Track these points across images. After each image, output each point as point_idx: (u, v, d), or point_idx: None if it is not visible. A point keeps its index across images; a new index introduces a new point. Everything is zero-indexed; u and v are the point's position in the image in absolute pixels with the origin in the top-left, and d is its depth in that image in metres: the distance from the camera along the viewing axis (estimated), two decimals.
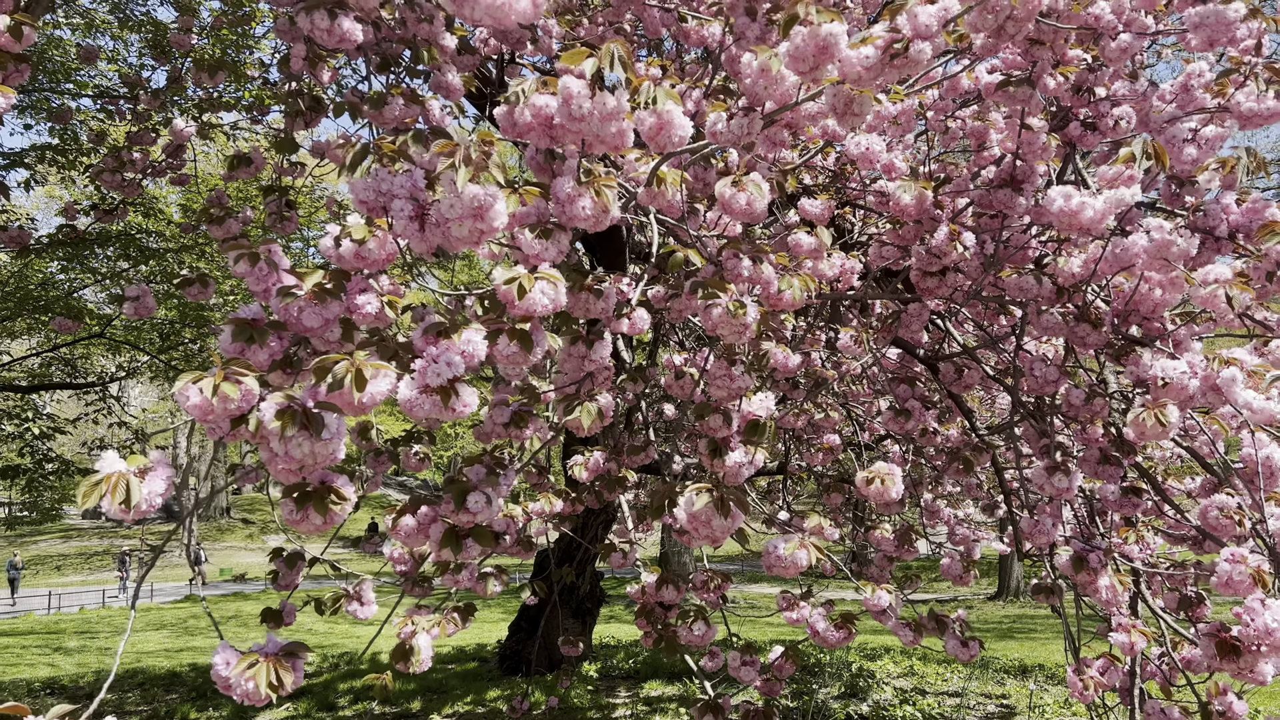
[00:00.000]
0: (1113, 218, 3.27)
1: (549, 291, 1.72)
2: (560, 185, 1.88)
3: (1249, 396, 2.27)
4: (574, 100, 1.81)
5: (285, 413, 1.43)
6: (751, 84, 2.18)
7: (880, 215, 4.23)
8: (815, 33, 1.96)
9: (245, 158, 3.76)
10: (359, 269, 1.91)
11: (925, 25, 1.98)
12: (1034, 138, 3.20)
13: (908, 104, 3.72)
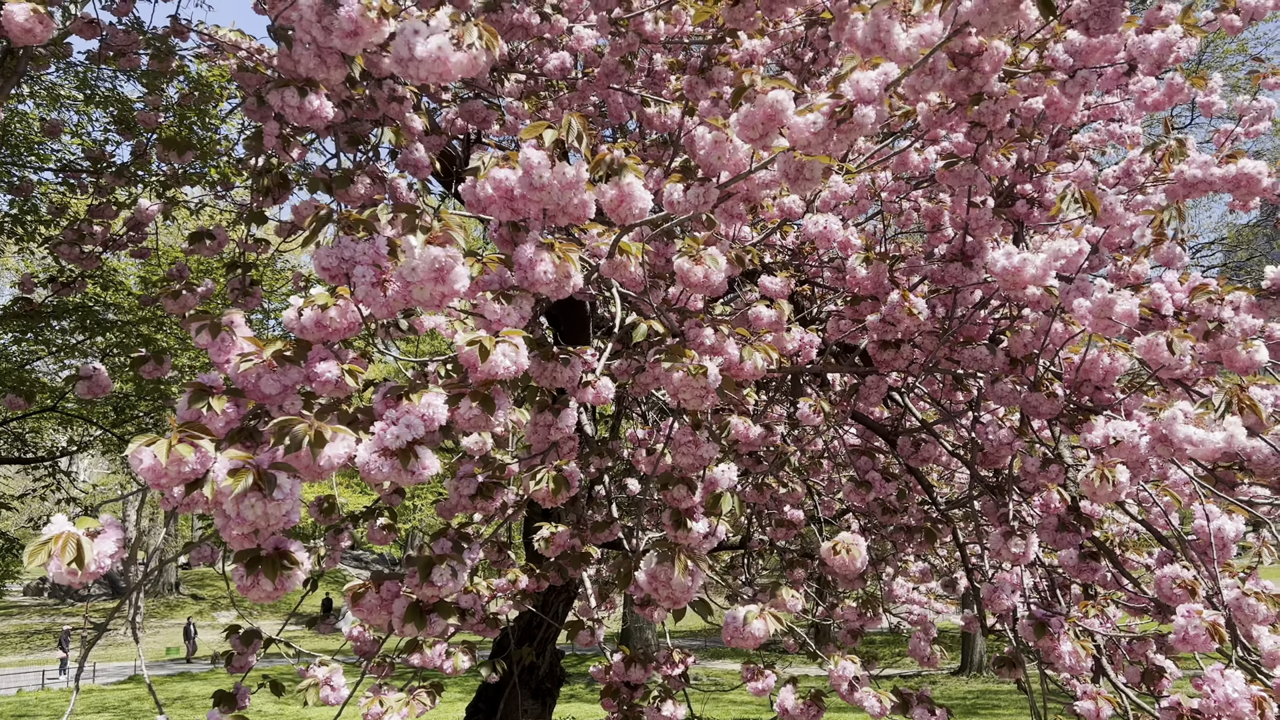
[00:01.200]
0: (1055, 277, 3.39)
1: (510, 354, 1.74)
2: (522, 250, 1.91)
3: (1190, 432, 2.34)
4: (534, 170, 1.86)
5: (239, 472, 1.41)
6: (706, 154, 2.25)
7: (838, 292, 4.33)
8: (763, 100, 2.04)
9: (208, 233, 3.77)
10: (321, 338, 1.92)
11: (867, 90, 2.06)
12: (981, 214, 3.31)
13: (861, 182, 3.84)
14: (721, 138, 2.21)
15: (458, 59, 1.78)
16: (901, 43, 1.99)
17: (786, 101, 1.98)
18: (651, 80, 4.95)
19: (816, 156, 2.10)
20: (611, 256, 2.57)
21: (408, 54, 1.79)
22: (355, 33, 1.93)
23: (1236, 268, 19.66)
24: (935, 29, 1.98)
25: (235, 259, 3.96)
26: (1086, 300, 2.73)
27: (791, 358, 3.76)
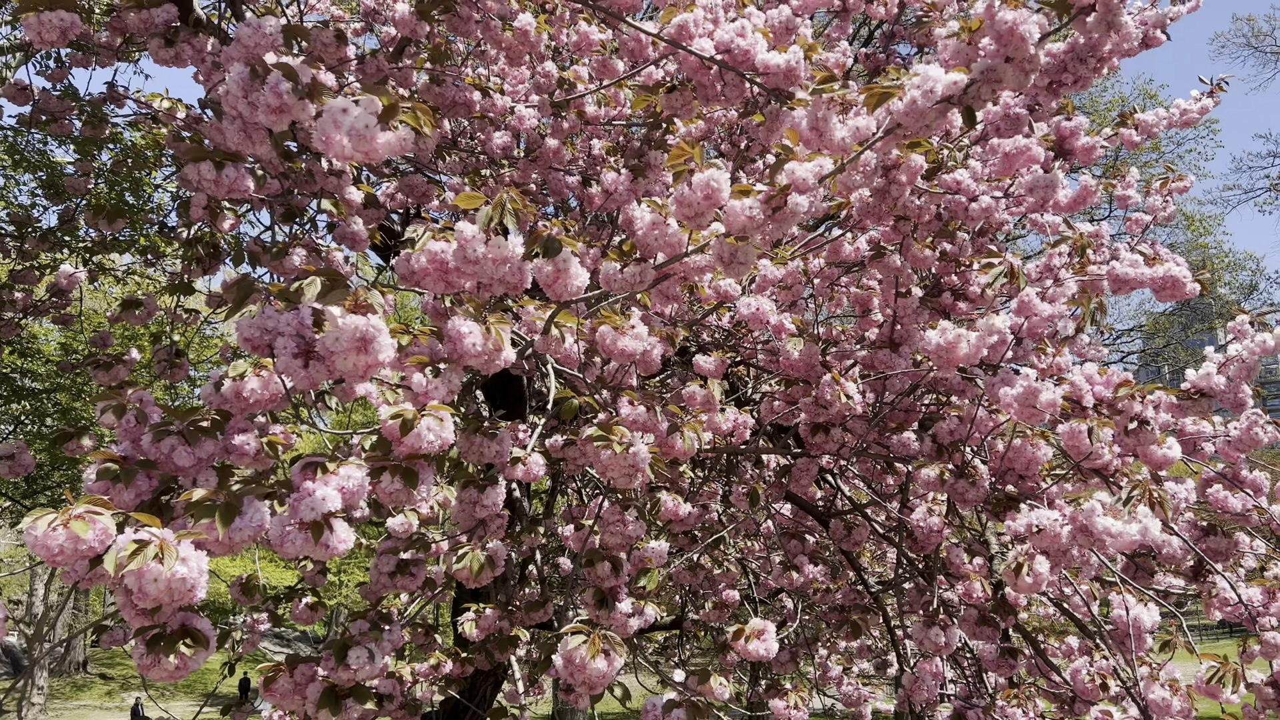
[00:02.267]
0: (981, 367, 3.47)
1: (435, 428, 1.71)
2: (452, 322, 1.90)
3: (1108, 523, 2.39)
4: (468, 244, 1.86)
5: (142, 545, 1.35)
6: (644, 235, 2.28)
7: (772, 373, 4.38)
8: (700, 180, 2.08)
9: (137, 301, 3.69)
10: (241, 409, 1.87)
11: (803, 180, 2.12)
12: (908, 304, 3.40)
13: (794, 267, 3.93)
14: (659, 219, 2.24)
15: (385, 139, 1.78)
16: (838, 133, 2.06)
17: (723, 181, 2.03)
18: (592, 161, 5.04)
19: (750, 242, 2.14)
20: (546, 332, 2.57)
21: (333, 133, 1.79)
22: (280, 110, 1.92)
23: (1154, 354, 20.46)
24: (869, 123, 2.06)
25: (163, 329, 3.88)
26: (1011, 390, 2.80)
27: (726, 437, 3.78)
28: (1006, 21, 1.89)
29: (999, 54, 1.93)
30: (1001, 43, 1.91)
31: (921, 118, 1.94)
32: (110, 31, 3.25)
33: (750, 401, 4.56)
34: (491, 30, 3.66)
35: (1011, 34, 1.88)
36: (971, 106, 1.96)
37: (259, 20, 2.60)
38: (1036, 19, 1.89)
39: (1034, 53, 1.90)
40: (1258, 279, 19.32)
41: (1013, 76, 1.93)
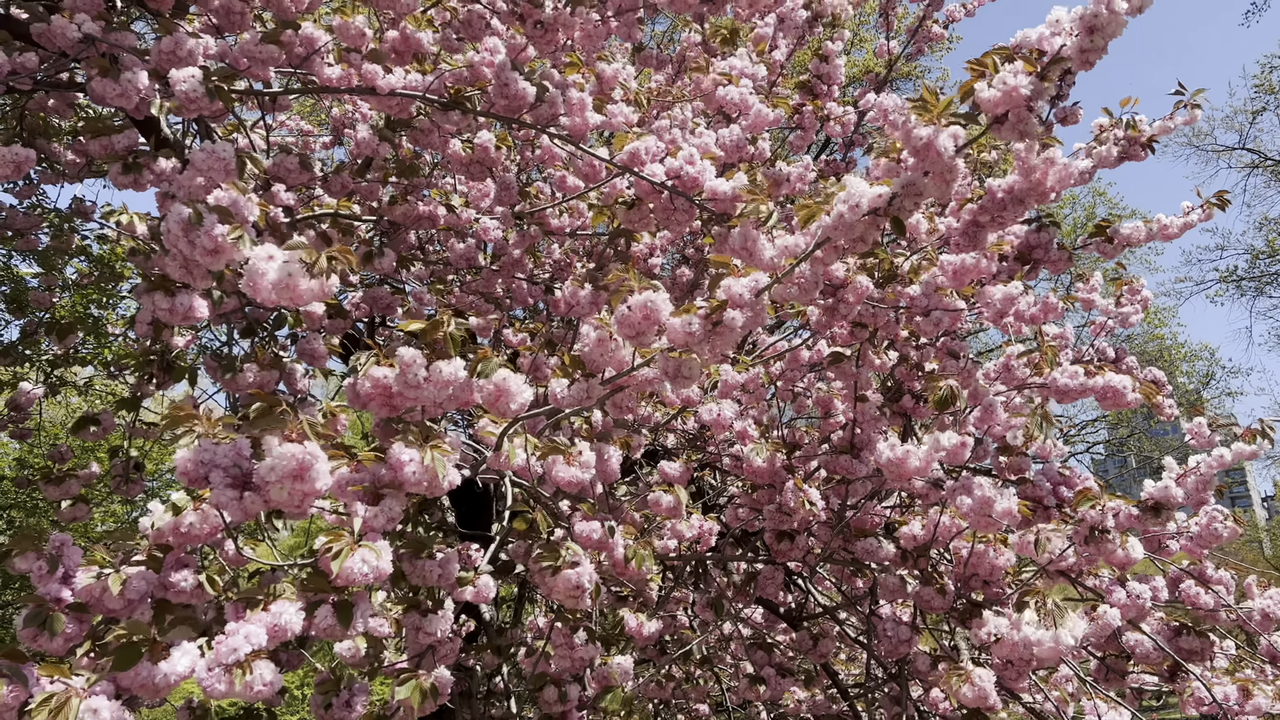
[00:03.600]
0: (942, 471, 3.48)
1: (370, 559, 1.69)
2: (392, 450, 1.89)
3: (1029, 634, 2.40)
4: (410, 370, 1.87)
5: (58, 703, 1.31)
6: (590, 352, 2.30)
7: (737, 477, 4.37)
8: (638, 301, 2.11)
9: (93, 419, 3.66)
10: (181, 543, 1.84)
11: (739, 295, 2.16)
12: (868, 409, 3.42)
13: (755, 373, 3.96)
14: (604, 335, 2.26)
15: (307, 286, 1.81)
16: (767, 252, 2.11)
17: (661, 303, 2.06)
18: (556, 265, 5.11)
19: (690, 355, 2.16)
20: (498, 449, 2.56)
21: (258, 278, 1.82)
22: (216, 251, 1.95)
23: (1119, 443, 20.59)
24: (799, 240, 2.11)
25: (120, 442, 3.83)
26: (969, 498, 2.80)
27: (692, 544, 3.74)
28: (922, 137, 1.96)
29: (918, 167, 2.00)
30: (919, 157, 1.97)
31: (850, 230, 1.99)
32: (73, 153, 3.29)
33: (717, 506, 4.53)
34: (451, 151, 3.75)
35: (928, 149, 1.95)
36: (899, 217, 2.01)
37: (213, 146, 2.66)
38: (951, 131, 1.96)
39: (952, 163, 1.97)
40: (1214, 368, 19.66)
41: (933, 188, 2.00)
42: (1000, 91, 1.98)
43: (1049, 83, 1.98)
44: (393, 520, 1.82)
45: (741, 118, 3.77)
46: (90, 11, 3.03)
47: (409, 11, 3.51)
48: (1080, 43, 1.98)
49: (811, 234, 2.13)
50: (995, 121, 2.02)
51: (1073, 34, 2.00)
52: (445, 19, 3.76)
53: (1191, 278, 20.07)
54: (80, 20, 2.95)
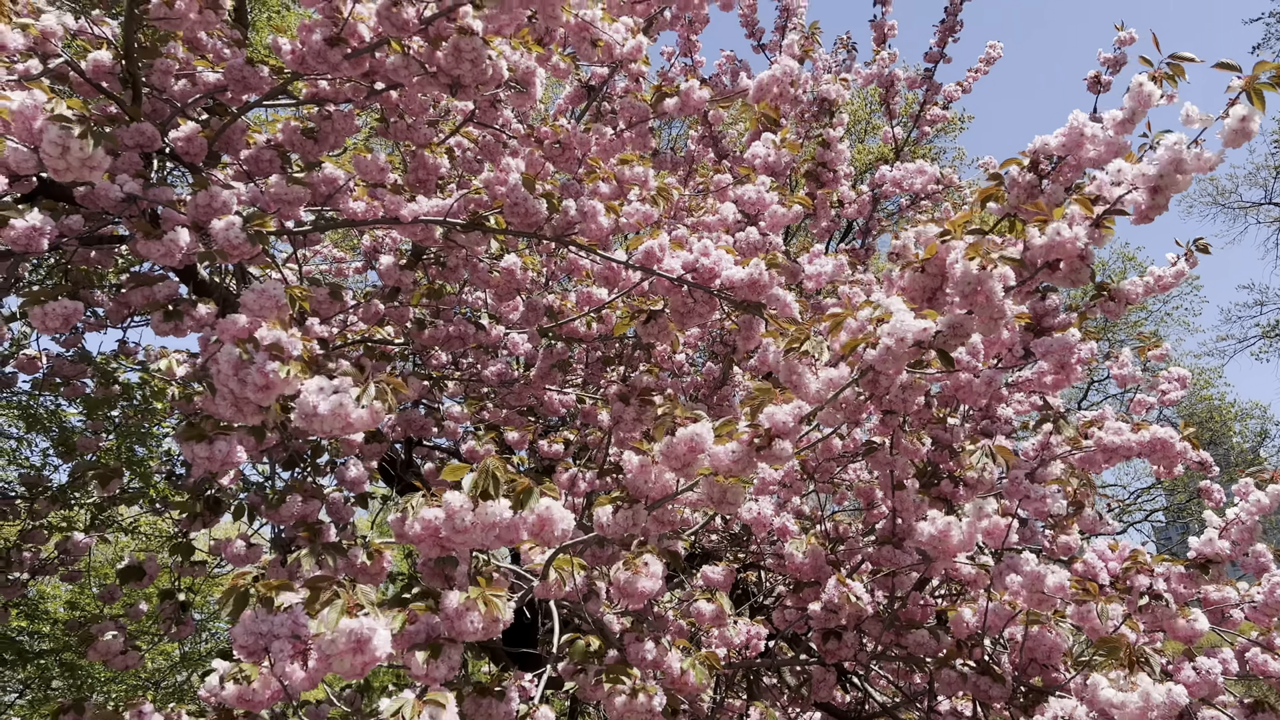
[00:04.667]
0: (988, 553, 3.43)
1: (439, 717, 1.69)
2: (449, 601, 1.92)
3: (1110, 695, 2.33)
4: (457, 514, 1.90)
5: None
6: (633, 480, 2.33)
7: (782, 576, 4.32)
8: (684, 433, 2.14)
9: (138, 570, 3.69)
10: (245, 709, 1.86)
11: (783, 423, 2.19)
12: (907, 497, 3.40)
13: (791, 467, 3.95)
14: (647, 462, 2.29)
15: (358, 415, 1.87)
16: (812, 385, 2.14)
17: (706, 434, 2.09)
18: (589, 371, 5.17)
19: (737, 481, 2.18)
20: (544, 578, 2.57)
21: (311, 410, 1.88)
22: (267, 387, 2.02)
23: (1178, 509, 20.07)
24: (841, 373, 2.14)
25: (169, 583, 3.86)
26: (1018, 575, 2.77)
27: (740, 650, 3.69)
28: (970, 279, 1.97)
29: (964, 305, 2.02)
30: (967, 299, 1.99)
31: (896, 362, 2.02)
32: (114, 306, 3.41)
33: (764, 608, 4.48)
34: (479, 272, 3.85)
35: (977, 292, 1.96)
36: (945, 350, 2.03)
37: (263, 286, 2.75)
38: (1000, 273, 1.97)
39: (1002, 306, 1.97)
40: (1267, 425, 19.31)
41: (981, 327, 2.01)
42: (1053, 241, 2.00)
43: (1108, 232, 1.98)
44: (453, 669, 1.83)
45: (759, 217, 3.84)
46: (130, 171, 3.17)
47: (428, 142, 3.65)
48: (1144, 200, 1.99)
49: (853, 362, 2.17)
50: (1046, 267, 2.04)
51: (1134, 187, 1.99)
52: (464, 146, 3.91)
53: (1233, 335, 19.81)
54: (121, 180, 3.09)
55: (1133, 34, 5.80)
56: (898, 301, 2.07)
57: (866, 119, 14.46)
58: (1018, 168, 2.08)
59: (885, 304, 2.11)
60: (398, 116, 3.54)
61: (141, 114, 3.32)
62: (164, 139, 3.39)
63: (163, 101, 3.55)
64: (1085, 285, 2.09)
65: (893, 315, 2.05)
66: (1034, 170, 2.38)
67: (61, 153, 2.30)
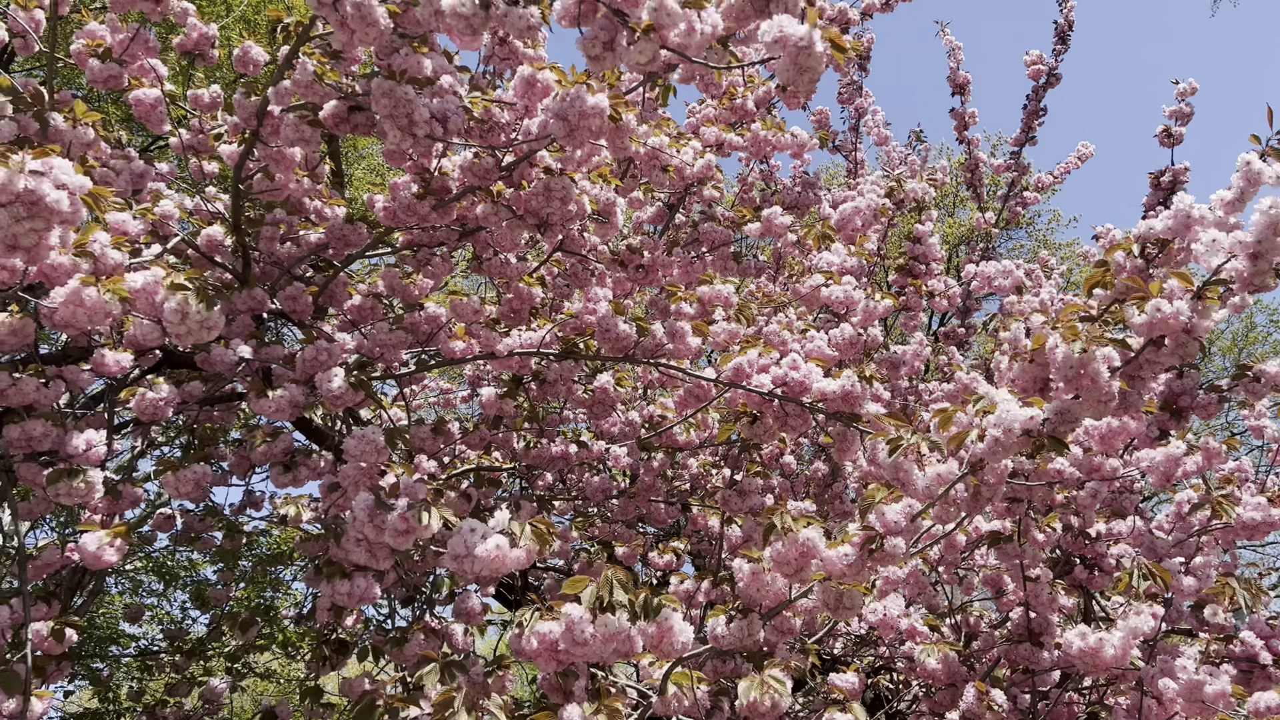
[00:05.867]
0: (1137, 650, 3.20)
1: None
2: (568, 715, 1.93)
3: None
4: (576, 627, 1.92)
5: None
6: (745, 587, 2.30)
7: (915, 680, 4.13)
8: (794, 539, 2.11)
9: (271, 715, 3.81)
10: None
11: (894, 522, 2.14)
12: (1039, 589, 3.24)
13: (914, 566, 3.82)
14: (759, 569, 2.27)
15: (515, 556, 1.94)
16: (920, 482, 2.10)
17: (817, 540, 2.07)
18: (694, 479, 5.15)
19: (855, 585, 2.14)
20: (663, 693, 2.52)
21: (465, 551, 1.95)
22: (407, 532, 2.10)
23: None
24: (950, 468, 2.10)
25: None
26: (1174, 683, 2.57)
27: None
28: (1072, 362, 1.93)
29: (1069, 390, 1.97)
30: (1072, 384, 1.94)
31: (1005, 452, 1.97)
32: (236, 461, 3.60)
33: (900, 715, 4.27)
34: (574, 395, 3.93)
35: (1080, 376, 1.91)
36: (1056, 437, 1.98)
37: (363, 432, 2.87)
38: (1104, 353, 1.91)
39: (1108, 388, 1.92)
40: None
41: (1090, 411, 1.95)
42: (1153, 318, 1.95)
43: (1213, 304, 1.93)
44: None
45: (850, 314, 3.84)
46: (243, 334, 3.39)
47: (520, 275, 3.79)
48: (1246, 267, 1.94)
49: (960, 457, 2.12)
50: (1151, 344, 1.99)
51: (1233, 255, 1.94)
52: (554, 273, 4.05)
53: None
54: (235, 344, 3.30)
55: (1193, 84, 5.71)
56: (1003, 392, 2.03)
57: (954, 191, 14.35)
58: (1124, 253, 2.04)
59: (991, 395, 2.07)
60: (490, 253, 3.71)
61: (252, 279, 3.57)
62: (273, 300, 3.62)
63: (271, 265, 3.81)
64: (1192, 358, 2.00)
65: (998, 406, 2.01)
66: (1142, 255, 2.33)
67: (181, 318, 2.47)
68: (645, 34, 2.02)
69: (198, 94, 3.92)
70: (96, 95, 8.93)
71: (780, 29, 1.93)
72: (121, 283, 2.35)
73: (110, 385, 3.36)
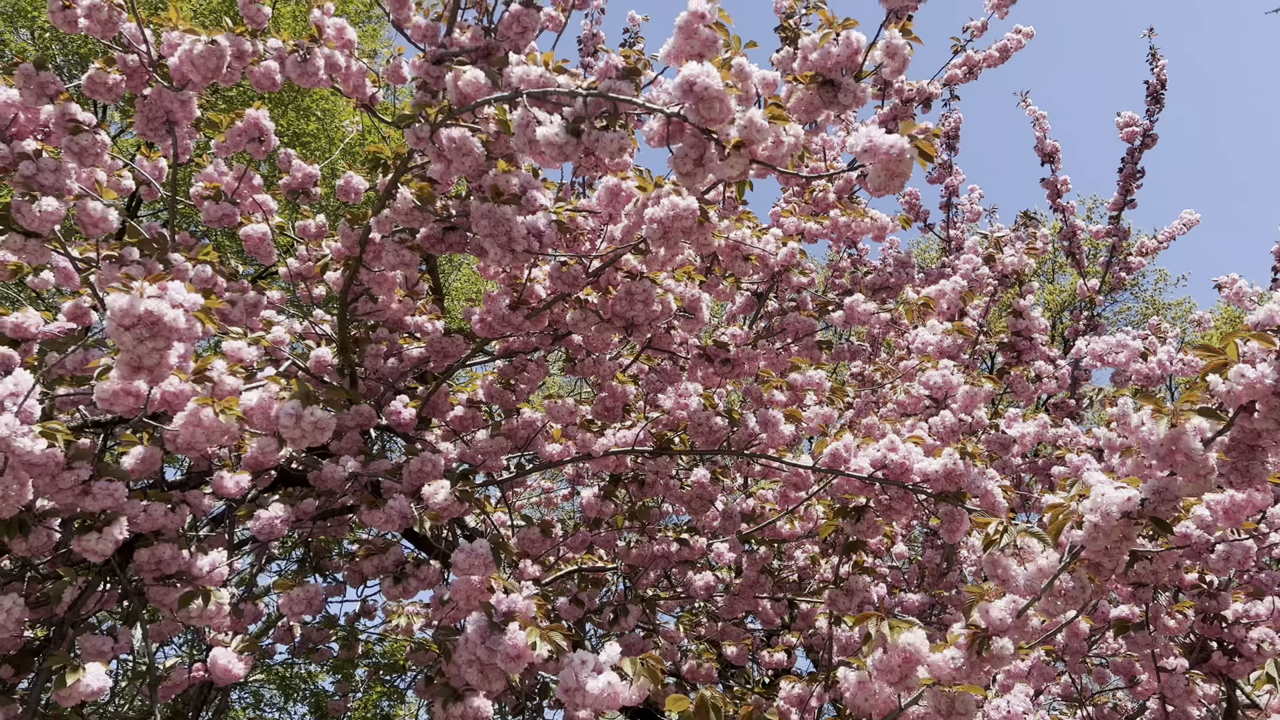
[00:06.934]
0: None
1: None
2: None
3: None
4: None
5: None
6: (853, 698, 2.23)
7: None
8: (896, 647, 2.05)
9: None
10: None
11: (1000, 620, 2.06)
12: (1174, 680, 3.04)
13: (1037, 657, 3.63)
14: (864, 678, 2.20)
15: (626, 694, 1.95)
16: (1020, 578, 2.03)
17: (920, 645, 2.01)
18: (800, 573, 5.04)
19: (967, 688, 2.06)
20: None
21: (576, 685, 1.96)
22: (518, 658, 2.12)
23: None
24: (1051, 560, 2.03)
25: None
26: None
27: None
28: (1162, 440, 1.86)
29: (1164, 468, 1.89)
30: (1165, 461, 1.87)
31: (1106, 538, 1.90)
32: (349, 574, 3.69)
33: None
34: (673, 489, 3.93)
35: (1173, 452, 1.84)
36: (1158, 518, 1.89)
37: (470, 545, 2.92)
38: (1195, 425, 1.84)
39: (1205, 461, 1.84)
40: None
41: (1189, 488, 1.87)
42: (1236, 386, 1.88)
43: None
44: None
45: (950, 399, 3.76)
46: (352, 449, 3.52)
47: (613, 374, 3.85)
48: None
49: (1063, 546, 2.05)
50: (1242, 411, 1.91)
51: None
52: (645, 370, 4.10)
53: None
54: (344, 461, 3.43)
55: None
56: (1096, 475, 1.96)
57: (1053, 257, 14.00)
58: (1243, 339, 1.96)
59: (1085, 479, 2.00)
60: (583, 354, 3.78)
61: (359, 396, 3.72)
62: (379, 414, 3.76)
63: (376, 381, 3.97)
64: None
65: (1092, 490, 1.93)
66: None
67: (295, 421, 2.58)
68: (736, 150, 2.09)
69: (304, 224, 4.18)
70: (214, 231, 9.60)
71: (870, 139, 1.97)
72: (236, 403, 2.48)
73: (230, 506, 3.52)
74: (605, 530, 4.46)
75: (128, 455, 2.77)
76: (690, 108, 2.08)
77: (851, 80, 2.05)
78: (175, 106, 3.15)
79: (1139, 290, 14.58)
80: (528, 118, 2.35)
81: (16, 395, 2.11)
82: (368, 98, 3.75)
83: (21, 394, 2.12)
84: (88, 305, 3.46)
